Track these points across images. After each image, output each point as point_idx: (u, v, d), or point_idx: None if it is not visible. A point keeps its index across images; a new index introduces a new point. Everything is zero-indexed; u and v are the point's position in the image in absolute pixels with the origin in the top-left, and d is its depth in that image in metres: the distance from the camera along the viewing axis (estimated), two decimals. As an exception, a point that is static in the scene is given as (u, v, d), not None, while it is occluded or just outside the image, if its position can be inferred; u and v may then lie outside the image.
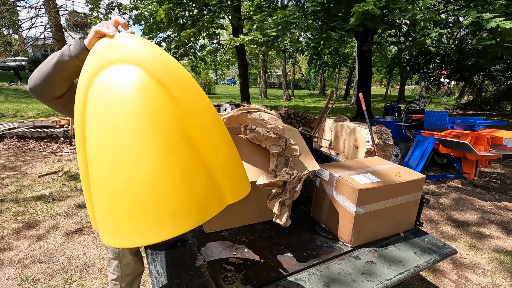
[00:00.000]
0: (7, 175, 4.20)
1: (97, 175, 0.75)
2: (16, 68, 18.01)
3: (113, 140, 0.73)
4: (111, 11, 9.30)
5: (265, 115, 1.22)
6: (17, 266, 2.23)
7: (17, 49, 20.25)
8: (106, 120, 0.74)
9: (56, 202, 3.34)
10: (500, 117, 11.61)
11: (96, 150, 0.76)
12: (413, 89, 31.68)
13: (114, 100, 0.74)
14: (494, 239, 2.73)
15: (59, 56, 0.92)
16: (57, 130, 6.08)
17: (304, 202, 1.93)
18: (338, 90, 25.22)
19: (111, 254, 1.46)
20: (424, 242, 1.53)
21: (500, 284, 2.13)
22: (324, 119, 4.86)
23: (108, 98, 0.75)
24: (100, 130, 0.75)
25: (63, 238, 2.62)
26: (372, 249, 1.45)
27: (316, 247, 1.45)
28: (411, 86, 34.46)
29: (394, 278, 1.23)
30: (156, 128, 0.75)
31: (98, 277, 2.13)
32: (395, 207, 1.52)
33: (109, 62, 0.78)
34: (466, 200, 3.57)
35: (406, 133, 5.17)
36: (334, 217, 1.55)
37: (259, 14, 7.04)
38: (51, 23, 7.75)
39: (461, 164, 4.05)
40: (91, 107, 0.77)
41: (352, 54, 17.44)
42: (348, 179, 1.45)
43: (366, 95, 9.43)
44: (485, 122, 4.14)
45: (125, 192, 0.71)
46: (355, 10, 5.24)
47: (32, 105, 11.14)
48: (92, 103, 0.77)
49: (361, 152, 3.79)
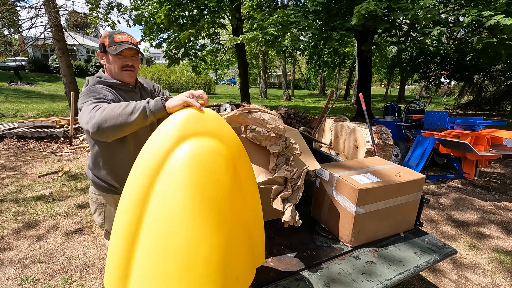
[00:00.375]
0: (7, 175, 4.20)
1: (164, 240, 0.77)
2: (16, 68, 18.01)
3: (194, 207, 0.79)
4: (110, 11, 9.28)
5: (266, 115, 1.22)
6: (17, 266, 2.23)
7: (17, 49, 20.25)
8: (190, 184, 0.80)
9: (56, 202, 3.33)
10: (500, 117, 11.61)
11: (174, 214, 0.78)
12: (413, 89, 31.66)
13: (201, 168, 0.81)
14: (494, 239, 2.73)
15: (140, 113, 0.96)
16: (57, 130, 6.08)
17: (304, 202, 1.93)
18: (338, 90, 25.22)
19: None
20: (424, 242, 1.53)
21: (500, 284, 2.13)
22: (324, 119, 4.86)
23: (195, 167, 0.81)
24: (179, 195, 0.79)
25: (63, 238, 2.62)
26: (372, 249, 1.45)
27: (316, 247, 1.45)
28: (411, 86, 34.44)
29: (394, 278, 1.23)
30: (231, 201, 0.86)
31: (98, 277, 2.13)
32: (395, 207, 1.52)
33: (196, 133, 0.86)
34: (466, 200, 3.57)
35: (406, 133, 5.17)
36: (334, 217, 1.55)
37: (260, 13, 7.04)
38: (51, 23, 7.73)
39: (461, 164, 4.04)
40: (171, 169, 0.81)
41: (352, 53, 17.45)
42: (348, 179, 1.45)
43: (366, 95, 9.43)
44: (485, 122, 4.13)
45: (202, 260, 0.77)
46: (357, 10, 5.24)
47: (32, 105, 11.14)
48: (173, 166, 0.81)
49: (361, 152, 3.79)
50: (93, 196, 1.39)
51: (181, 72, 25.02)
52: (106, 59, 1.28)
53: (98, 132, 0.99)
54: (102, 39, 1.27)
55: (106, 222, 1.40)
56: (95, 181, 1.34)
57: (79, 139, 6.19)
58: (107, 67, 1.30)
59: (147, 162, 0.83)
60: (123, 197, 0.86)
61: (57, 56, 8.27)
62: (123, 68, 1.27)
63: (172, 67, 13.57)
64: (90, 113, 1.02)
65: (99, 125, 0.98)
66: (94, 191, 1.38)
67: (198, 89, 1.06)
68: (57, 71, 20.32)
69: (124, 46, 1.22)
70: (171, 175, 0.80)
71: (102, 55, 1.29)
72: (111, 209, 1.37)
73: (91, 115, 1.01)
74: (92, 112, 1.01)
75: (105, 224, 1.40)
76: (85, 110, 1.06)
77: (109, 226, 1.40)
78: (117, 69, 1.26)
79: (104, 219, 1.39)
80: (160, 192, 0.80)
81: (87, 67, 22.67)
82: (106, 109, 0.99)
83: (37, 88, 16.23)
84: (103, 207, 1.37)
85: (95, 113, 1.00)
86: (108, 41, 1.24)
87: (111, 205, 1.37)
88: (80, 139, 6.17)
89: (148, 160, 0.83)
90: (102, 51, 1.27)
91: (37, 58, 22.63)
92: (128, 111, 0.97)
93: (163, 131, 0.87)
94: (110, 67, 1.28)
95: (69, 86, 8.44)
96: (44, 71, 21.46)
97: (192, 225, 0.78)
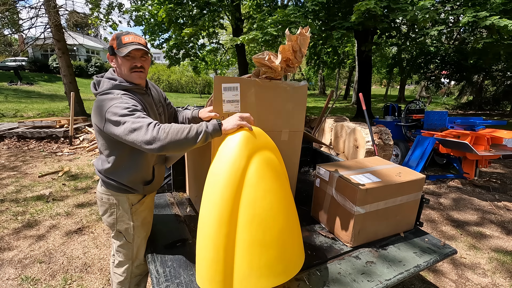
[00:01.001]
0: (7, 175, 4.20)
1: (261, 236, 1.01)
2: (16, 68, 18.02)
3: (277, 207, 1.05)
4: (111, 11, 9.27)
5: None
6: (17, 266, 2.23)
7: (17, 49, 20.23)
8: (270, 190, 1.05)
9: (56, 202, 3.34)
10: (500, 117, 11.60)
11: (264, 215, 1.02)
12: (413, 89, 31.67)
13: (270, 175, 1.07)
14: (494, 239, 2.73)
15: (202, 137, 1.09)
16: (57, 130, 6.08)
17: (304, 202, 1.93)
18: (338, 90, 25.21)
19: (123, 257, 1.44)
20: (424, 242, 1.53)
21: (500, 284, 2.13)
22: (324, 119, 4.86)
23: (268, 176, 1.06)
24: (265, 199, 1.03)
25: (63, 238, 2.62)
26: (372, 249, 1.45)
27: (316, 247, 1.45)
28: (411, 86, 34.44)
29: (394, 278, 1.23)
30: (291, 198, 1.17)
31: (98, 277, 2.13)
32: (395, 207, 1.52)
33: (256, 149, 1.09)
34: (466, 200, 3.57)
35: (406, 133, 5.17)
36: (334, 217, 1.55)
37: (259, 14, 7.05)
38: (51, 23, 7.72)
39: (461, 164, 4.04)
40: (252, 181, 1.02)
41: (352, 53, 17.41)
42: (348, 179, 1.45)
43: (366, 95, 9.42)
44: (485, 122, 4.13)
45: (291, 246, 1.10)
46: (356, 8, 5.24)
47: (32, 105, 11.14)
48: (252, 178, 1.03)
49: (361, 152, 3.79)
50: (103, 196, 1.35)
51: (181, 72, 25.01)
52: (115, 62, 1.29)
53: (161, 152, 1.10)
54: (111, 41, 1.27)
55: (118, 223, 1.37)
56: (108, 182, 1.31)
57: (79, 139, 6.19)
58: (118, 69, 1.30)
59: (229, 179, 1.01)
60: (207, 213, 1.03)
61: (57, 56, 8.27)
62: (132, 70, 1.27)
63: (172, 67, 13.57)
64: (149, 132, 1.07)
65: (165, 148, 1.07)
66: (105, 192, 1.35)
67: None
68: (57, 71, 20.32)
69: (131, 47, 1.22)
70: (253, 185, 1.02)
71: (112, 57, 1.29)
72: (124, 208, 1.35)
73: (154, 135, 1.06)
74: (153, 131, 1.07)
75: (116, 225, 1.37)
76: (135, 126, 1.09)
77: (121, 227, 1.37)
78: (127, 71, 1.27)
79: (116, 219, 1.36)
80: (247, 200, 1.01)
81: (87, 67, 22.67)
82: (170, 133, 1.07)
83: (37, 88, 16.24)
84: (115, 207, 1.35)
85: (158, 134, 1.06)
86: (116, 43, 1.24)
87: (124, 204, 1.35)
88: (80, 139, 6.17)
89: (230, 178, 1.01)
90: (111, 53, 1.28)
91: (37, 58, 22.63)
92: (192, 137, 1.08)
93: (233, 152, 1.05)
94: (120, 70, 1.28)
95: (69, 86, 8.44)
96: (44, 71, 21.47)
97: (279, 220, 1.03)
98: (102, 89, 1.25)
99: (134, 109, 1.15)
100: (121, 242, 1.41)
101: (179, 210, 1.88)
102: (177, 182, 2.18)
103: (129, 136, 1.09)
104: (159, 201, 2.00)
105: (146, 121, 1.09)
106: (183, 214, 1.82)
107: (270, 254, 1.00)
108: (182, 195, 2.13)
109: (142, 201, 1.40)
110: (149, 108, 1.32)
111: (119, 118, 1.11)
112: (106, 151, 1.29)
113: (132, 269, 1.47)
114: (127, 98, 1.20)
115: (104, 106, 1.16)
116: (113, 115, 1.12)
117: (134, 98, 1.24)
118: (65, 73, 8.37)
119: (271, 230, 1.01)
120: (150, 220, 1.49)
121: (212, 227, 1.00)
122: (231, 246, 1.00)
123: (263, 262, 1.00)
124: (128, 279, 1.48)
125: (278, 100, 1.47)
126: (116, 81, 1.26)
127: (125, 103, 1.16)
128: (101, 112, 1.17)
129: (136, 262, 1.46)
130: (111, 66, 1.34)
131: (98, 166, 1.34)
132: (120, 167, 1.30)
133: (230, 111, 1.35)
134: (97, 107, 1.20)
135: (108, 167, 1.30)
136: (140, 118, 1.11)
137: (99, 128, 1.21)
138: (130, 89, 1.28)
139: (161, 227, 1.64)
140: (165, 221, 1.73)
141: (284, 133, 1.56)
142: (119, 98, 1.18)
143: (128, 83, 1.27)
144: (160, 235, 1.56)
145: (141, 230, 1.42)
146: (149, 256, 1.39)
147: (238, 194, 1.00)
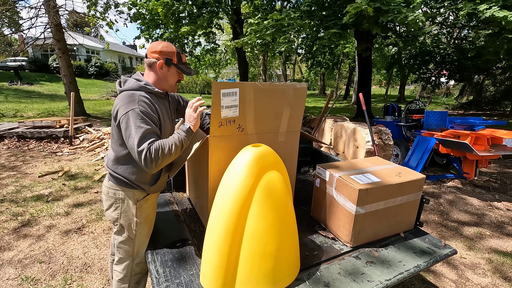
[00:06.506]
0: (7, 175, 4.20)
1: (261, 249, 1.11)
2: (16, 68, 18.01)
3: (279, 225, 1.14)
4: (107, 10, 9.26)
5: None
6: (17, 266, 2.23)
7: (17, 49, 20.22)
8: (273, 208, 1.13)
9: (56, 202, 3.33)
10: (500, 117, 11.61)
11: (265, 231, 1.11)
12: (413, 89, 31.65)
13: (274, 194, 1.15)
14: (494, 239, 2.73)
15: (184, 144, 1.31)
16: (57, 130, 6.07)
17: (304, 202, 1.93)
18: (338, 90, 25.21)
19: (124, 254, 1.46)
20: (424, 242, 1.53)
21: (500, 284, 2.13)
22: (324, 119, 4.85)
23: (273, 194, 1.14)
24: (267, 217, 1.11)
25: (63, 238, 2.62)
26: (372, 249, 1.45)
27: (316, 247, 1.45)
28: (411, 86, 34.42)
29: (394, 278, 1.23)
30: (293, 217, 1.24)
31: (98, 277, 2.13)
32: (395, 207, 1.52)
33: (265, 167, 1.16)
34: (466, 200, 3.57)
35: (406, 133, 5.17)
36: (334, 217, 1.55)
37: (253, 18, 7.04)
38: (51, 23, 7.72)
39: (461, 164, 4.04)
40: (259, 198, 1.11)
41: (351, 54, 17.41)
42: (348, 179, 1.44)
43: (366, 95, 9.43)
44: (485, 122, 4.13)
45: (286, 259, 1.18)
46: (348, 9, 5.24)
47: (32, 105, 11.14)
48: (260, 195, 1.12)
49: (361, 152, 3.79)
50: (110, 191, 1.39)
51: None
52: (165, 71, 1.39)
53: (156, 168, 1.25)
54: (169, 54, 1.37)
55: (121, 217, 1.40)
56: (117, 177, 1.36)
57: (79, 139, 6.19)
58: (161, 77, 1.39)
59: (239, 194, 1.10)
60: (216, 221, 1.12)
61: (57, 56, 8.27)
62: (176, 83, 1.47)
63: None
64: (142, 160, 1.20)
65: (159, 165, 1.25)
66: (113, 186, 1.38)
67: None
68: (57, 71, 20.32)
69: (192, 72, 1.47)
70: (260, 202, 1.11)
71: (165, 66, 1.38)
72: (129, 203, 1.39)
73: (149, 154, 1.20)
74: (150, 149, 1.20)
75: (120, 219, 1.40)
76: (138, 138, 1.21)
77: (125, 222, 1.40)
78: (173, 83, 1.44)
79: (120, 214, 1.40)
80: (253, 215, 1.10)
81: (87, 67, 22.66)
82: (165, 154, 1.23)
83: (37, 88, 16.24)
84: (121, 201, 1.39)
85: (154, 156, 1.20)
86: (177, 58, 1.39)
87: (129, 200, 1.39)
88: (80, 139, 6.17)
89: (240, 193, 1.10)
90: (166, 63, 1.37)
91: (37, 58, 22.62)
92: (179, 147, 1.28)
93: (244, 170, 1.13)
94: (167, 79, 1.41)
95: (69, 86, 8.44)
96: (44, 71, 21.45)
97: (278, 237, 1.13)
98: (127, 87, 1.34)
99: (145, 122, 1.25)
100: (122, 238, 1.43)
101: (179, 210, 1.88)
102: (177, 182, 2.18)
103: (129, 143, 1.24)
104: (159, 201, 2.00)
105: (145, 146, 1.20)
106: (183, 214, 1.82)
107: (268, 265, 1.11)
108: (182, 195, 2.13)
109: (147, 198, 1.44)
110: (164, 112, 1.41)
111: (128, 124, 1.23)
112: (118, 147, 1.36)
113: (132, 267, 1.48)
114: (145, 105, 1.28)
115: (123, 106, 1.26)
116: (123, 116, 1.24)
117: (152, 103, 1.32)
118: (65, 73, 8.37)
119: (271, 244, 1.11)
120: (152, 219, 1.51)
121: (220, 235, 1.10)
122: (235, 254, 1.10)
123: (262, 272, 1.11)
124: (128, 276, 1.49)
125: (277, 102, 1.46)
126: (142, 82, 1.36)
127: (140, 112, 1.25)
128: (119, 110, 1.27)
129: (137, 259, 1.47)
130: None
131: (109, 160, 1.40)
132: (129, 164, 1.36)
133: (228, 116, 1.35)
134: (119, 101, 1.29)
135: (117, 162, 1.37)
136: (144, 139, 1.21)
137: (115, 123, 1.31)
138: (154, 92, 1.38)
139: (161, 227, 1.64)
140: (165, 221, 1.73)
141: (282, 134, 1.56)
142: (136, 102, 1.27)
143: (152, 87, 1.37)
144: (160, 235, 1.56)
145: (143, 227, 1.44)
146: (149, 256, 1.39)
147: (245, 209, 1.10)
